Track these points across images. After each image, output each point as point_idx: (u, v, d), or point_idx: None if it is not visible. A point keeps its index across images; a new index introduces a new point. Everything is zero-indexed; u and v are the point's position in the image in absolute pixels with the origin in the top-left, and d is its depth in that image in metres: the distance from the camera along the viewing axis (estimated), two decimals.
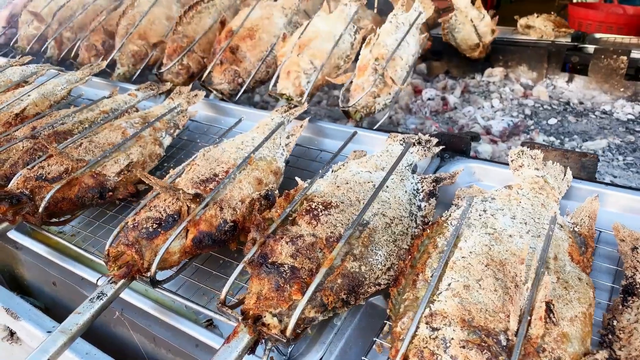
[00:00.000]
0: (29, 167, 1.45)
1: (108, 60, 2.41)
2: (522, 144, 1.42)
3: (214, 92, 2.15)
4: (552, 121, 2.49)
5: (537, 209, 1.11)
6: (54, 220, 1.43)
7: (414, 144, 1.40)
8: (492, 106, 2.72)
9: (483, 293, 0.87)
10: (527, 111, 2.60)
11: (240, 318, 0.93)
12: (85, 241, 1.46)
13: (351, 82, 1.98)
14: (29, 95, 1.92)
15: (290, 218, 1.11)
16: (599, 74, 2.86)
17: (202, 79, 2.18)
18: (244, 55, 2.21)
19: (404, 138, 1.42)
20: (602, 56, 2.83)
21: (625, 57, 2.75)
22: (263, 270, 0.98)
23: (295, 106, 1.72)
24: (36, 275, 1.52)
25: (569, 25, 3.15)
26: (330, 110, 2.66)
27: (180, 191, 1.17)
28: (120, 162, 1.50)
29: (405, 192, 1.20)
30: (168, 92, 2.07)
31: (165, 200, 1.22)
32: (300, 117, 1.69)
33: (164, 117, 1.69)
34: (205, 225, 1.17)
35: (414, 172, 1.35)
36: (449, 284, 0.90)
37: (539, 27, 3.17)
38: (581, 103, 2.75)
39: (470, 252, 0.95)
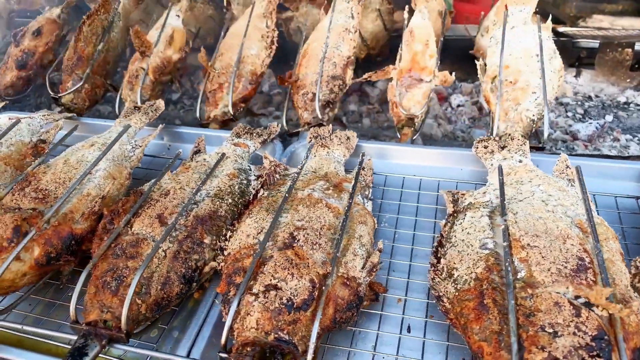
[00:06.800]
0: (251, 290, 0.91)
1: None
2: None
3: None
4: (609, 118, 2.50)
5: None
6: None
7: None
8: None
9: None
10: (579, 110, 2.58)
11: None
12: None
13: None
14: (97, 167, 1.27)
15: None
16: (605, 67, 2.99)
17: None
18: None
19: None
20: (608, 49, 2.96)
21: (630, 50, 2.91)
22: None
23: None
24: None
25: (456, 21, 2.87)
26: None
27: None
28: (360, 253, 1.02)
29: None
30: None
31: None
32: None
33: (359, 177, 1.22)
34: None
35: None
36: None
37: None
38: (597, 96, 2.84)
39: None
